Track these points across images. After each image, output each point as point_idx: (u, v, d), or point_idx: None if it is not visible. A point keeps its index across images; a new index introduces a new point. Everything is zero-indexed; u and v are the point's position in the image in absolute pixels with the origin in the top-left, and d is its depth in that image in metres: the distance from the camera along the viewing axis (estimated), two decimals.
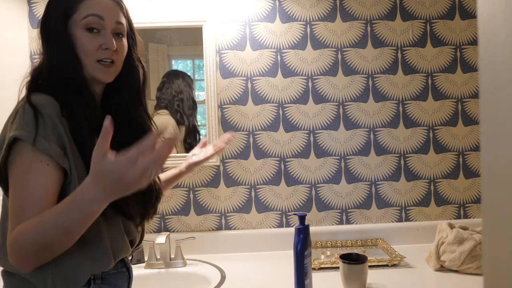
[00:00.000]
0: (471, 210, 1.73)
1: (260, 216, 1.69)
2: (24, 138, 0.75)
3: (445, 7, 1.70)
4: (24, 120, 0.77)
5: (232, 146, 1.68)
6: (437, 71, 1.71)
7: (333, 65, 1.69)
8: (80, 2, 0.85)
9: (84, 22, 0.84)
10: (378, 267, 1.42)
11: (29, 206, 0.74)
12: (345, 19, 1.68)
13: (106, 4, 0.87)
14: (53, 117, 0.78)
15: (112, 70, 0.89)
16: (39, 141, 0.76)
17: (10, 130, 0.78)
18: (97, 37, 0.85)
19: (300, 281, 1.19)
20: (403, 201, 1.71)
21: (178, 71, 1.69)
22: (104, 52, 0.86)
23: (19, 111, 0.79)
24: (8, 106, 1.54)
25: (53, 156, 0.76)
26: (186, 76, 1.67)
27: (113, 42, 0.86)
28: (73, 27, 0.85)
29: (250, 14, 1.66)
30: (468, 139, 1.72)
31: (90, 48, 0.85)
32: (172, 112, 1.64)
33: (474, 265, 1.32)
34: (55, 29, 0.85)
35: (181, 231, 1.67)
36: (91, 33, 0.85)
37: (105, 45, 0.85)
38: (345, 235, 1.67)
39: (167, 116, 1.64)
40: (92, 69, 0.87)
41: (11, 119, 0.81)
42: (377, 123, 1.70)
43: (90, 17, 0.84)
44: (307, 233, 1.19)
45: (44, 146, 0.76)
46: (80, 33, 0.84)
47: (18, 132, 0.76)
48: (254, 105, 1.67)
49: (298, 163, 1.69)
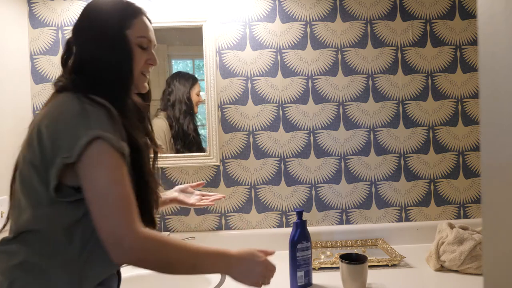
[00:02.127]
0: (471, 210, 1.73)
1: (260, 216, 1.69)
2: (107, 138, 0.79)
3: (445, 7, 1.70)
4: (100, 119, 0.81)
5: (232, 146, 1.68)
6: (437, 71, 1.71)
7: (333, 65, 1.69)
8: (134, 18, 0.95)
9: (139, 40, 0.95)
10: (378, 267, 1.42)
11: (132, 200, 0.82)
12: (345, 19, 1.68)
13: (150, 28, 1.01)
14: (119, 119, 0.85)
15: (146, 81, 1.02)
16: (117, 141, 0.81)
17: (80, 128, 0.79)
18: (145, 53, 0.98)
19: (293, 272, 1.28)
20: (403, 201, 1.71)
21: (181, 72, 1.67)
22: (147, 67, 1.00)
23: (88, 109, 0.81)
24: (8, 106, 1.54)
25: (125, 155, 0.83)
26: (185, 78, 1.66)
27: (156, 59, 1.01)
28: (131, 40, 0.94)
29: (250, 14, 1.66)
30: (468, 139, 1.72)
31: (141, 61, 0.97)
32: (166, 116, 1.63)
33: (474, 265, 1.32)
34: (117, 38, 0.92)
35: (181, 231, 1.67)
36: (142, 49, 0.97)
37: (150, 61, 0.99)
38: (345, 235, 1.67)
39: (161, 119, 1.63)
40: (137, 79, 0.97)
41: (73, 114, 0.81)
42: (377, 123, 1.70)
43: (144, 39, 0.96)
44: (303, 227, 1.29)
45: (122, 145, 0.82)
46: (135, 48, 0.95)
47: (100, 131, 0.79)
48: (254, 105, 1.67)
49: (298, 163, 1.69)
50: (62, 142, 0.79)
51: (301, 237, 1.28)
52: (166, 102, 1.63)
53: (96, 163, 0.79)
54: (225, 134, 1.67)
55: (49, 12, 1.63)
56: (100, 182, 0.79)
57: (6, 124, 1.46)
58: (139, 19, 0.96)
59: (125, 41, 0.93)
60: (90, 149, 0.78)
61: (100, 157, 0.79)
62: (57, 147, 0.79)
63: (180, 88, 1.64)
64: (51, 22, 1.63)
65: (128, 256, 0.79)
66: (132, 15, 0.95)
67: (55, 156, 0.79)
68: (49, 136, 0.80)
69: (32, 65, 1.63)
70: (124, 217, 0.79)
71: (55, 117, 0.81)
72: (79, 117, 0.80)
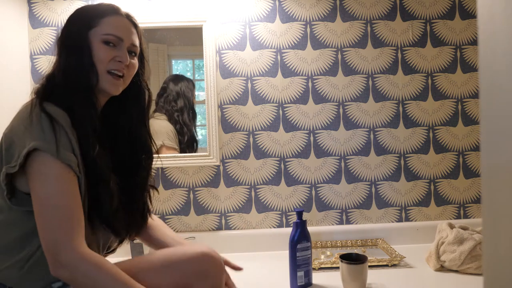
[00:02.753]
0: (471, 210, 1.73)
1: (260, 216, 1.69)
2: (46, 149, 0.79)
3: (445, 7, 1.70)
4: (43, 130, 0.81)
5: (232, 146, 1.68)
6: (437, 71, 1.71)
7: (333, 65, 1.69)
8: (103, 17, 0.93)
9: (104, 37, 0.92)
10: (378, 267, 1.42)
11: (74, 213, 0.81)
12: (345, 19, 1.68)
13: (124, 25, 0.95)
14: (67, 128, 0.83)
15: (120, 83, 0.95)
16: (61, 152, 0.80)
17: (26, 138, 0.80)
18: (112, 50, 0.93)
19: (293, 272, 1.27)
20: (403, 201, 1.71)
21: (179, 76, 1.68)
22: (116, 64, 0.93)
23: (34, 120, 0.82)
24: (8, 105, 1.54)
25: (72, 166, 0.81)
26: (186, 82, 1.66)
27: (127, 56, 0.94)
28: (93, 39, 0.91)
29: (250, 14, 1.66)
30: (468, 139, 1.72)
31: (104, 57, 0.91)
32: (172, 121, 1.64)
33: (474, 265, 1.32)
34: (77, 39, 0.91)
35: (181, 231, 1.67)
36: (108, 46, 0.92)
37: (118, 58, 0.93)
38: (345, 235, 1.67)
39: (164, 121, 1.64)
40: (102, 79, 0.92)
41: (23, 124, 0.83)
42: (377, 123, 1.70)
43: (110, 36, 0.92)
44: (303, 227, 1.29)
45: (66, 157, 0.81)
46: (98, 45, 0.91)
47: (39, 142, 0.79)
48: (254, 105, 1.67)
49: (298, 163, 1.69)
50: (14, 152, 0.81)
51: (301, 237, 1.28)
52: (168, 104, 1.63)
53: (37, 174, 0.81)
54: (225, 134, 1.67)
55: (49, 12, 1.63)
56: (40, 192, 0.80)
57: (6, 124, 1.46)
58: (108, 18, 0.93)
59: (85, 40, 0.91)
60: (31, 160, 0.80)
61: (40, 168, 0.81)
62: (10, 157, 0.82)
63: (185, 92, 1.65)
64: (51, 22, 1.63)
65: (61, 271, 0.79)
66: (99, 15, 0.93)
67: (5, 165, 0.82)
68: (5, 145, 0.84)
69: (32, 65, 1.63)
70: (63, 231, 0.79)
71: (12, 126, 0.85)
72: (26, 127, 0.82)
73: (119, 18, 0.95)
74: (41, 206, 0.80)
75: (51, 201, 0.80)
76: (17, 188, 0.85)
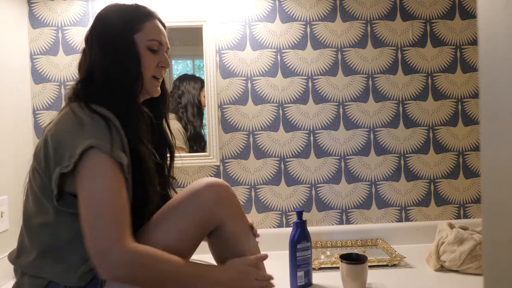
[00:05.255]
0: (471, 210, 1.73)
1: (260, 216, 1.69)
2: (101, 146, 0.79)
3: (445, 7, 1.70)
4: (97, 129, 0.81)
5: (232, 146, 1.68)
6: (437, 71, 1.71)
7: (333, 65, 1.69)
8: (145, 21, 0.96)
9: (149, 44, 0.95)
10: (378, 267, 1.42)
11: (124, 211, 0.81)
12: (345, 19, 1.68)
13: (161, 29, 0.99)
14: (120, 128, 0.85)
15: (159, 85, 1.01)
16: (115, 151, 0.81)
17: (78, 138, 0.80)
18: (156, 56, 0.97)
19: (293, 272, 1.28)
20: (403, 201, 1.71)
21: (188, 75, 1.67)
22: (159, 70, 0.99)
23: (85, 120, 0.82)
24: (8, 105, 1.54)
25: (123, 165, 0.83)
26: (194, 81, 1.67)
27: (168, 61, 1.00)
28: (138, 44, 0.94)
29: (250, 14, 1.66)
30: (468, 139, 1.72)
31: (151, 65, 0.96)
32: (177, 118, 1.64)
33: (474, 265, 1.32)
34: (122, 43, 0.92)
35: None
36: (152, 53, 0.96)
37: (162, 64, 0.98)
38: (345, 235, 1.67)
39: (173, 120, 1.64)
40: (148, 84, 0.97)
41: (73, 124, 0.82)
42: (377, 123, 1.70)
43: (155, 42, 0.96)
44: (303, 227, 1.29)
45: (119, 155, 0.82)
46: (144, 51, 0.95)
47: (95, 140, 0.79)
48: (254, 105, 1.67)
49: (298, 163, 1.69)
50: (64, 152, 0.81)
51: (301, 237, 1.28)
52: (176, 104, 1.64)
53: (89, 172, 0.80)
54: (225, 134, 1.67)
55: (49, 12, 1.63)
56: (91, 190, 0.80)
57: (6, 124, 1.46)
58: (149, 23, 0.96)
59: (133, 46, 0.93)
60: (85, 158, 0.79)
61: (93, 166, 0.80)
62: (60, 157, 0.81)
63: (191, 91, 1.65)
64: (51, 22, 1.63)
65: (118, 271, 0.78)
66: (141, 19, 0.95)
67: (56, 166, 0.81)
68: (53, 146, 0.82)
69: (32, 65, 1.63)
70: (112, 229, 0.78)
71: (58, 128, 0.84)
72: (77, 127, 0.82)
73: (156, 22, 0.98)
74: (89, 205, 0.79)
75: (102, 199, 0.79)
76: (64, 190, 0.84)
